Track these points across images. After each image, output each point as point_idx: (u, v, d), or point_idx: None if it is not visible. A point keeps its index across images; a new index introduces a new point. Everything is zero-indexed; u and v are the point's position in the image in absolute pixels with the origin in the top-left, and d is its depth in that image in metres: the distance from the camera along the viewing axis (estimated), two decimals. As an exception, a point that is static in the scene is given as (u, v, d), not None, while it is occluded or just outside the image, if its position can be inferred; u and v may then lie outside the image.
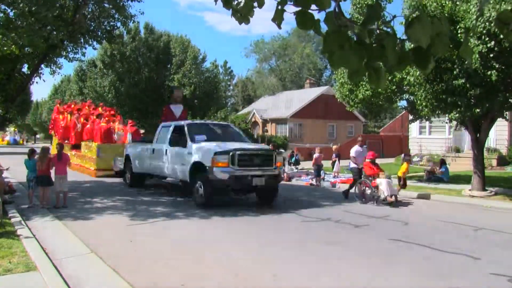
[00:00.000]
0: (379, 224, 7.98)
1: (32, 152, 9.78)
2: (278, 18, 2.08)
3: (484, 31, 8.88)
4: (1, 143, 56.00)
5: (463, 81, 9.58)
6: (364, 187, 10.64)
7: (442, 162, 15.17)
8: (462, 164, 17.70)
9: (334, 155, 17.29)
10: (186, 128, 10.65)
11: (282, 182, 15.60)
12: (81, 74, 32.21)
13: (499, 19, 1.83)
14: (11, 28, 9.33)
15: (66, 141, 19.27)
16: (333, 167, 17.16)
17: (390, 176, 10.93)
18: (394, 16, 1.97)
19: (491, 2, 8.41)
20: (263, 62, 58.99)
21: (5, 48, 9.15)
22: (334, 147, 18.40)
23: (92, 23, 12.54)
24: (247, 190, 10.02)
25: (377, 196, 10.06)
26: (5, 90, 11.99)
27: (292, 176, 16.50)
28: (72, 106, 22.13)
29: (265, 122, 36.16)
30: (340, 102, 14.77)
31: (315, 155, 14.70)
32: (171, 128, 11.42)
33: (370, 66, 1.86)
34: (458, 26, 9.41)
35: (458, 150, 20.20)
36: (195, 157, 9.70)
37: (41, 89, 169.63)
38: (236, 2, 2.38)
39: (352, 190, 11.10)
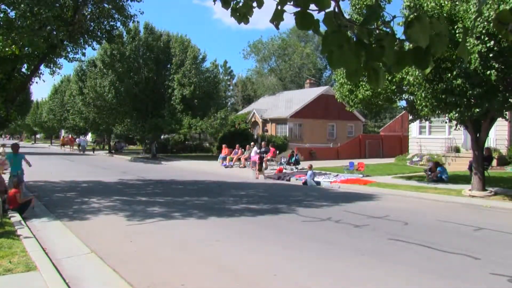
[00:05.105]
0: (379, 224, 7.98)
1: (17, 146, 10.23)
2: (277, 18, 2.08)
3: (484, 31, 8.87)
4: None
5: (462, 81, 9.59)
6: None
7: (437, 165, 14.98)
8: (463, 164, 17.68)
9: None
10: None
11: (281, 181, 15.68)
12: (81, 74, 32.13)
13: (498, 20, 1.83)
14: (11, 28, 9.32)
15: None
16: None
17: None
18: (394, 16, 1.97)
19: (490, 2, 8.41)
20: (262, 62, 59.00)
21: (7, 49, 9.14)
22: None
23: (92, 23, 12.53)
24: None
25: None
26: (5, 90, 11.97)
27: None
28: None
29: (265, 122, 36.14)
30: (340, 102, 14.77)
31: None
32: None
33: (369, 66, 1.86)
34: (456, 26, 9.41)
35: (458, 150, 20.20)
36: None
37: (41, 89, 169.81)
38: (235, 1, 2.38)
39: None
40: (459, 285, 4.71)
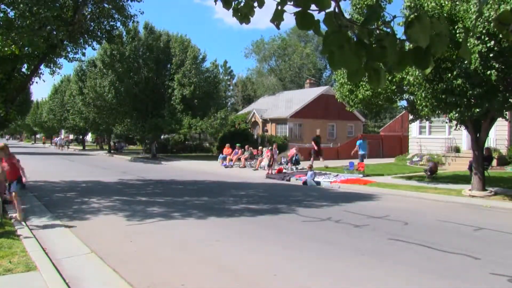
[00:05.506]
0: (379, 224, 7.98)
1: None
2: (277, 18, 2.08)
3: (484, 31, 8.88)
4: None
5: (462, 81, 9.59)
6: None
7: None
8: (463, 164, 17.69)
9: None
10: None
11: (281, 181, 15.69)
12: (81, 74, 32.15)
13: (498, 20, 1.83)
14: (11, 28, 9.31)
15: None
16: None
17: None
18: (394, 16, 1.97)
19: (490, 2, 8.41)
20: (263, 62, 59.03)
21: (6, 49, 9.14)
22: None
23: (92, 23, 12.52)
24: None
25: None
26: (5, 90, 11.97)
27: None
28: None
29: (265, 122, 36.15)
30: (340, 102, 14.77)
31: None
32: None
33: (370, 67, 1.86)
34: (456, 26, 9.42)
35: (458, 150, 20.20)
36: None
37: (41, 89, 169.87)
38: (236, 1, 2.38)
39: None
40: (459, 285, 4.71)
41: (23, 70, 13.09)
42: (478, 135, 11.57)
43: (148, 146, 33.02)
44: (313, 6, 1.87)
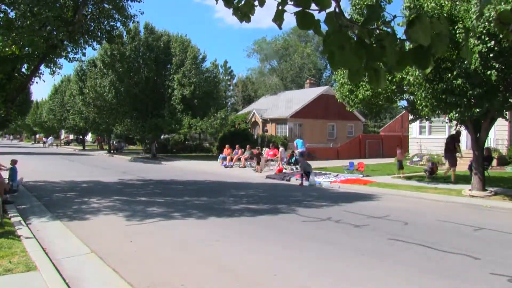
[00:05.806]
0: (379, 224, 7.98)
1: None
2: (278, 18, 2.08)
3: (484, 31, 8.88)
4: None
5: (463, 81, 9.59)
6: None
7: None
8: (463, 164, 17.68)
9: None
10: None
11: (281, 181, 15.68)
12: (81, 74, 32.17)
13: (499, 19, 1.83)
14: (11, 28, 9.30)
15: None
16: None
17: None
18: (395, 16, 1.97)
19: (492, 2, 8.41)
20: (265, 61, 59.02)
21: (7, 49, 9.13)
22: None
23: (92, 23, 12.51)
24: None
25: None
26: (5, 90, 11.96)
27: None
28: None
29: (265, 122, 36.14)
30: (340, 102, 14.77)
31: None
32: None
33: (370, 67, 1.86)
34: (456, 26, 9.42)
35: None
36: None
37: (41, 89, 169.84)
38: (236, 0, 2.38)
39: None
40: (459, 285, 4.71)
41: (23, 70, 13.08)
42: (478, 135, 11.57)
43: (148, 146, 33.00)
44: (313, 6, 1.87)
